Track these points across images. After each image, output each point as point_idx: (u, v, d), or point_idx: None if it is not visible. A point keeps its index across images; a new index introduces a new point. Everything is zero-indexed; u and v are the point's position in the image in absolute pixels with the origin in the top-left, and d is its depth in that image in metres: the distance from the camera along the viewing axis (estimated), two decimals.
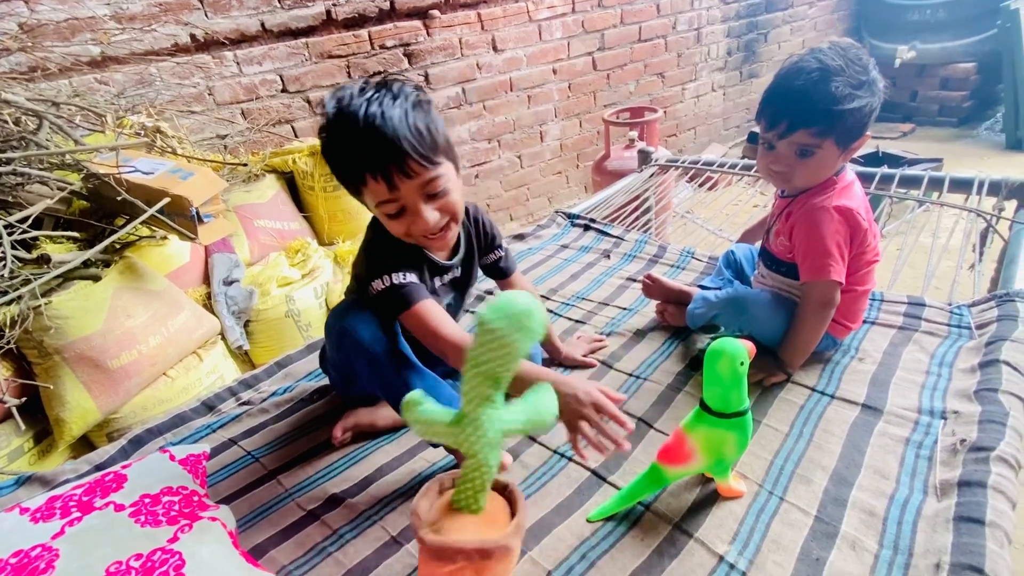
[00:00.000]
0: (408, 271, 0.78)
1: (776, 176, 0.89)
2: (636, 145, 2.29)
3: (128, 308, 1.40)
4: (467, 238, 0.90)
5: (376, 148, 0.66)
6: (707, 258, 1.37)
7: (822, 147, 0.82)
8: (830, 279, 0.84)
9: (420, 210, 0.71)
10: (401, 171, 0.68)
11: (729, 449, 0.69)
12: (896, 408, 0.84)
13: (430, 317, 0.76)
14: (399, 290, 0.76)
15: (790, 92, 0.81)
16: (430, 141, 0.69)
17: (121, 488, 0.73)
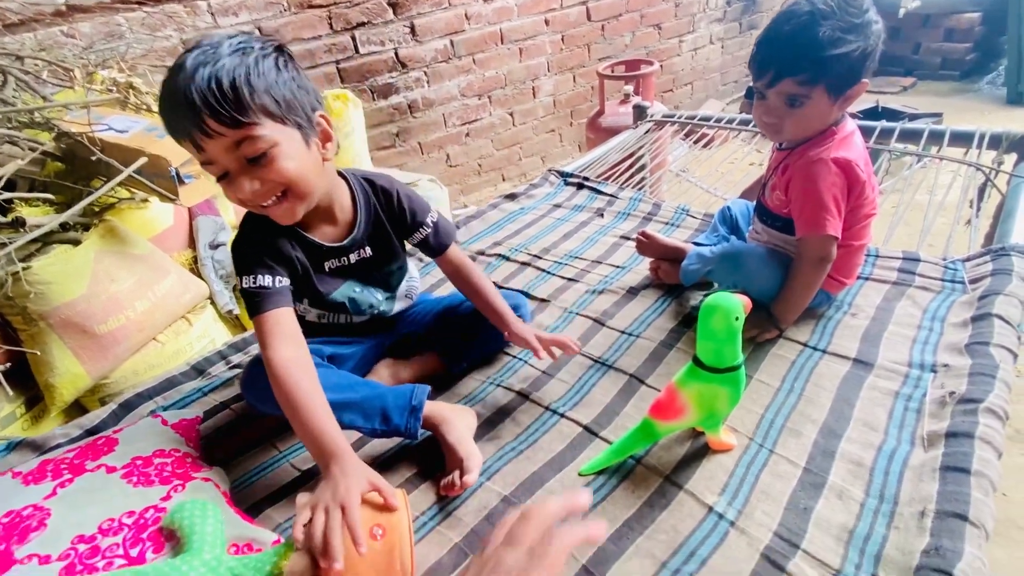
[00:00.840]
0: (265, 272, 0.72)
1: (768, 127, 0.86)
2: (631, 100, 2.23)
3: (111, 273, 1.37)
4: (371, 215, 0.82)
5: (175, 104, 0.60)
6: (702, 215, 1.35)
7: (811, 96, 0.80)
8: (826, 234, 0.83)
9: (236, 178, 0.64)
10: (201, 130, 0.60)
11: (721, 404, 0.70)
12: (887, 362, 0.84)
13: (269, 329, 0.69)
14: (247, 296, 0.72)
15: (778, 39, 0.78)
16: (243, 95, 0.60)
17: (112, 451, 0.73)
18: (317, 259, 0.80)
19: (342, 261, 0.83)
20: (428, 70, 2.47)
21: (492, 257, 1.32)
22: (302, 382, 0.66)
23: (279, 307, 0.72)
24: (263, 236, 0.75)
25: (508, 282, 1.22)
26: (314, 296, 0.84)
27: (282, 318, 0.71)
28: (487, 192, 2.93)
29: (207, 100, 0.59)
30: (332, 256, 0.81)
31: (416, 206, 0.86)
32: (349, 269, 0.84)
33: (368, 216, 0.83)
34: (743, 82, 3.69)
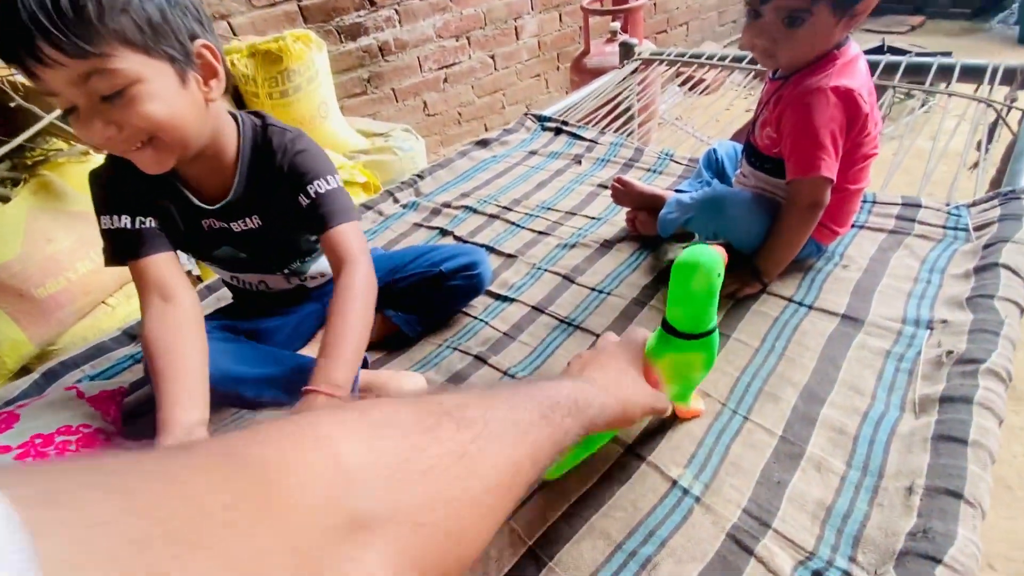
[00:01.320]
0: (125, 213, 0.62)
1: (761, 52, 0.74)
2: (619, 38, 2.05)
3: (48, 232, 1.27)
4: (250, 176, 0.68)
5: (5, 18, 0.46)
6: (687, 160, 1.24)
7: (813, 12, 0.68)
8: (820, 175, 0.73)
9: (82, 116, 0.52)
10: (31, 54, 0.47)
11: (696, 372, 0.61)
12: (878, 318, 0.76)
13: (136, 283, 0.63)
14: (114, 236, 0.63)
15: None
16: (89, 15, 0.47)
17: (10, 428, 0.65)
18: (191, 215, 0.68)
19: (225, 225, 0.70)
20: (399, 8, 2.27)
21: (458, 210, 1.22)
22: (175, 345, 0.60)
23: (152, 254, 0.63)
24: (132, 175, 0.62)
25: (474, 236, 1.12)
26: (192, 251, 0.74)
27: (160, 267, 0.63)
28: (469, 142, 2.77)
29: (37, 19, 0.45)
30: (208, 217, 0.69)
31: (306, 165, 0.68)
32: (231, 237, 0.71)
33: (248, 173, 0.68)
34: (742, 22, 3.46)
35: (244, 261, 0.76)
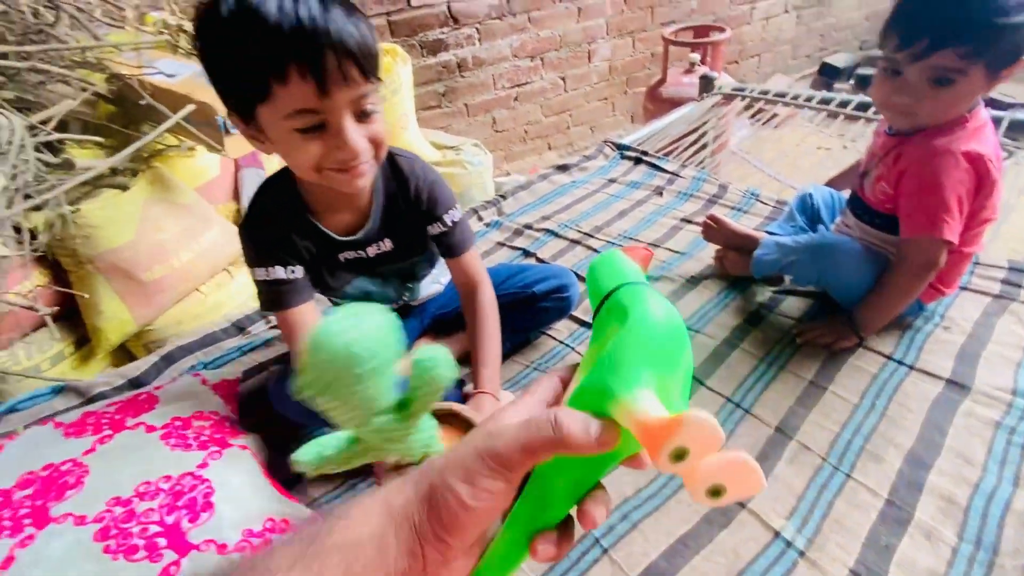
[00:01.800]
0: (277, 264, 0.67)
1: (896, 109, 0.73)
2: (697, 70, 2.07)
3: (158, 221, 1.37)
4: (386, 204, 0.72)
5: (314, 39, 0.51)
6: (774, 202, 1.24)
7: (967, 73, 0.67)
8: (942, 237, 0.72)
9: (346, 129, 0.56)
10: (341, 75, 0.53)
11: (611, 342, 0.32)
12: (986, 387, 0.75)
13: (293, 327, 0.68)
14: (263, 287, 0.68)
15: (938, 1, 0.65)
16: (376, 50, 0.57)
17: (153, 409, 0.71)
18: (329, 252, 0.73)
19: (360, 254, 0.75)
20: (480, 27, 2.35)
21: (540, 232, 1.25)
22: None
23: (299, 304, 0.69)
24: (272, 223, 0.68)
25: (556, 260, 1.15)
26: (325, 289, 0.78)
27: (305, 316, 0.69)
28: (530, 160, 2.83)
29: (362, 49, 0.54)
30: (347, 249, 0.74)
31: (439, 195, 0.74)
32: (365, 264, 0.76)
33: (384, 203, 0.72)
34: (816, 57, 3.40)
35: (372, 294, 0.81)
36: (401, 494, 0.26)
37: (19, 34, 1.29)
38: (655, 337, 0.27)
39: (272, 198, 0.70)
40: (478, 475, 0.25)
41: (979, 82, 0.68)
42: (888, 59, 0.72)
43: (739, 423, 0.74)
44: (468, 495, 0.25)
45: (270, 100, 0.54)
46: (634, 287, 0.31)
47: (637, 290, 0.31)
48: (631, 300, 0.30)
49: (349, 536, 0.25)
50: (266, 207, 0.70)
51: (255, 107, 0.56)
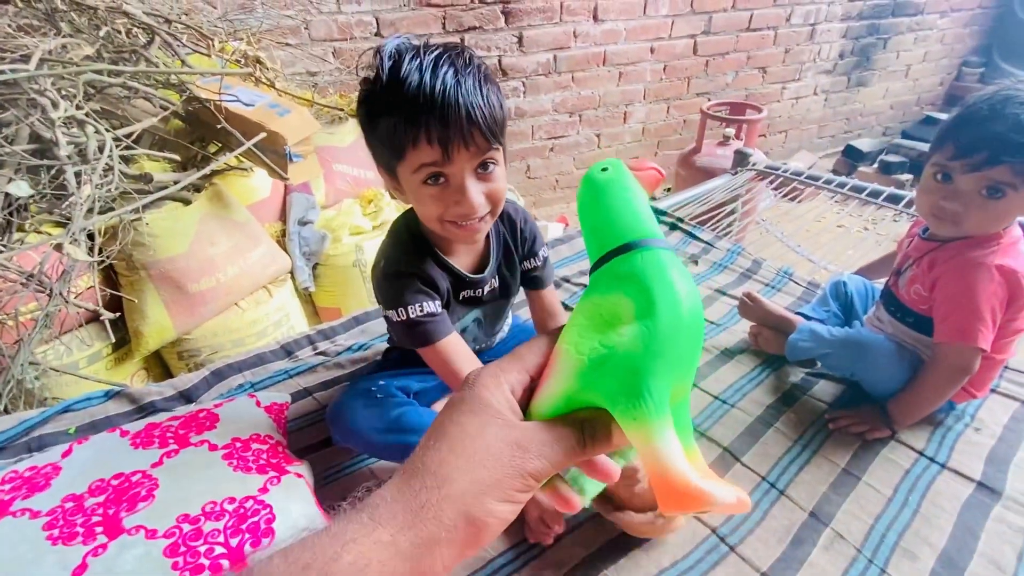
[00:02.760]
0: (426, 298, 0.71)
1: (945, 215, 0.78)
2: (730, 143, 2.16)
3: (213, 235, 1.43)
4: (502, 244, 0.81)
5: (443, 108, 0.59)
6: (806, 283, 1.28)
7: (1017, 190, 0.72)
8: (976, 346, 0.76)
9: (467, 187, 0.63)
10: (462, 139, 0.60)
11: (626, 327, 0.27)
12: (1017, 494, 0.77)
13: (450, 356, 0.71)
14: (416, 326, 0.70)
15: (999, 119, 0.70)
16: (500, 117, 0.63)
17: (214, 428, 0.74)
18: (456, 288, 0.78)
19: (476, 292, 0.80)
20: (527, 81, 2.48)
21: (578, 287, 1.30)
22: None
23: (451, 333, 0.72)
24: (417, 260, 0.73)
25: None
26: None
27: (457, 344, 0.72)
28: (559, 208, 2.91)
29: (484, 115, 0.60)
30: (468, 287, 0.79)
31: (537, 235, 0.84)
32: (478, 301, 0.81)
33: (499, 244, 0.81)
34: (840, 138, 3.53)
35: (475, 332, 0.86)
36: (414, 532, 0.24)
37: (113, 51, 1.38)
38: (682, 343, 0.25)
39: (406, 239, 0.75)
40: (519, 492, 0.25)
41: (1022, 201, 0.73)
42: (941, 165, 0.77)
43: (774, 503, 0.76)
44: (511, 513, 0.25)
45: (405, 157, 0.63)
46: (656, 254, 0.27)
47: (660, 263, 0.26)
48: (655, 279, 0.26)
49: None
50: (404, 247, 0.74)
51: (394, 164, 0.65)
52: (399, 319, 0.71)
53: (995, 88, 0.74)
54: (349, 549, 0.23)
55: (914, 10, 3.26)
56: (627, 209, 0.29)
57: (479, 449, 0.25)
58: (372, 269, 0.78)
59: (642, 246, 0.27)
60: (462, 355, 0.72)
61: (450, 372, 0.71)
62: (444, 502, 0.24)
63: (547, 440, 0.25)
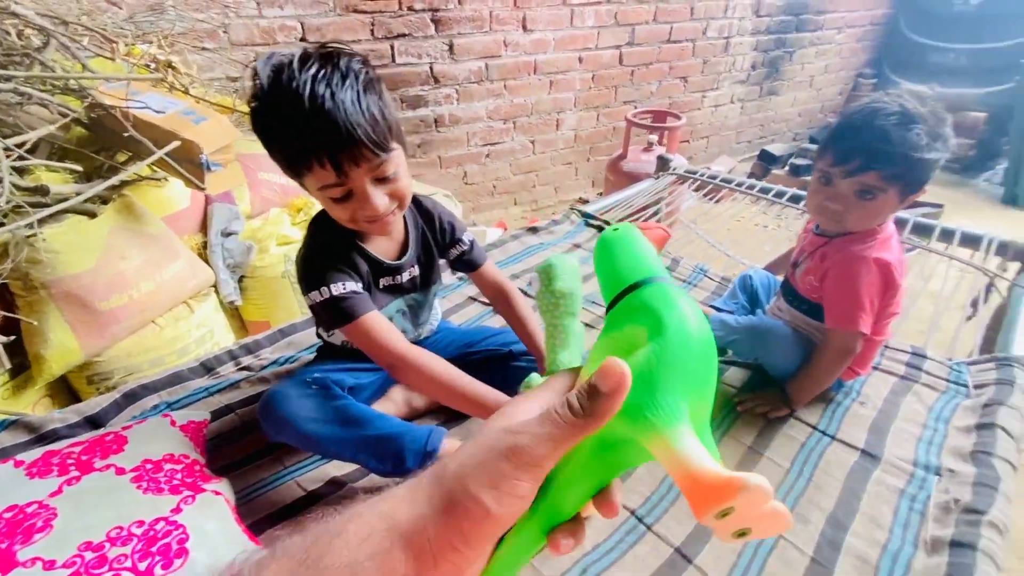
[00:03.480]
0: (347, 278, 0.74)
1: (828, 214, 0.87)
2: (654, 149, 2.28)
3: (123, 250, 1.35)
4: (420, 235, 0.85)
5: (326, 134, 0.61)
6: (719, 278, 1.38)
7: (886, 192, 0.81)
8: (858, 330, 0.85)
9: (368, 194, 0.67)
10: (352, 159, 0.63)
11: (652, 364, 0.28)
12: (893, 458, 0.86)
13: (374, 331, 0.72)
14: (339, 303, 0.72)
15: (868, 130, 0.79)
16: (384, 127, 0.65)
17: (122, 451, 0.71)
18: (376, 275, 0.82)
19: (395, 280, 0.84)
20: (459, 88, 2.50)
21: None
22: (431, 360, 0.70)
23: (373, 310, 0.74)
24: (337, 248, 0.76)
25: None
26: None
27: (381, 320, 0.74)
28: (498, 213, 2.95)
29: (367, 132, 0.62)
30: (388, 274, 0.83)
31: (455, 223, 0.90)
32: (399, 289, 0.85)
33: (417, 234, 0.85)
34: (756, 143, 3.80)
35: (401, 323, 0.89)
36: (409, 507, 0.24)
37: (2, 55, 1.28)
38: (693, 357, 0.26)
39: (326, 229, 0.78)
40: (504, 478, 0.23)
41: (893, 201, 0.83)
42: (823, 171, 0.86)
43: None
44: (494, 501, 0.23)
45: (305, 177, 0.67)
46: (662, 287, 0.29)
47: (667, 292, 0.29)
48: (662, 304, 0.28)
49: (345, 556, 0.23)
50: (325, 234, 0.77)
51: (300, 177, 0.68)
52: (322, 299, 0.73)
53: (867, 100, 0.83)
54: (355, 520, 0.24)
55: (814, 26, 3.57)
56: (635, 257, 0.32)
57: (475, 441, 0.26)
58: (295, 260, 0.79)
59: (650, 282, 0.30)
60: (387, 330, 0.73)
61: (377, 347, 0.72)
62: (435, 484, 0.25)
63: (538, 420, 0.25)
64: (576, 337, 0.88)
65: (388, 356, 0.71)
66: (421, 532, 0.23)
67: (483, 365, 0.96)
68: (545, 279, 0.71)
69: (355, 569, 0.23)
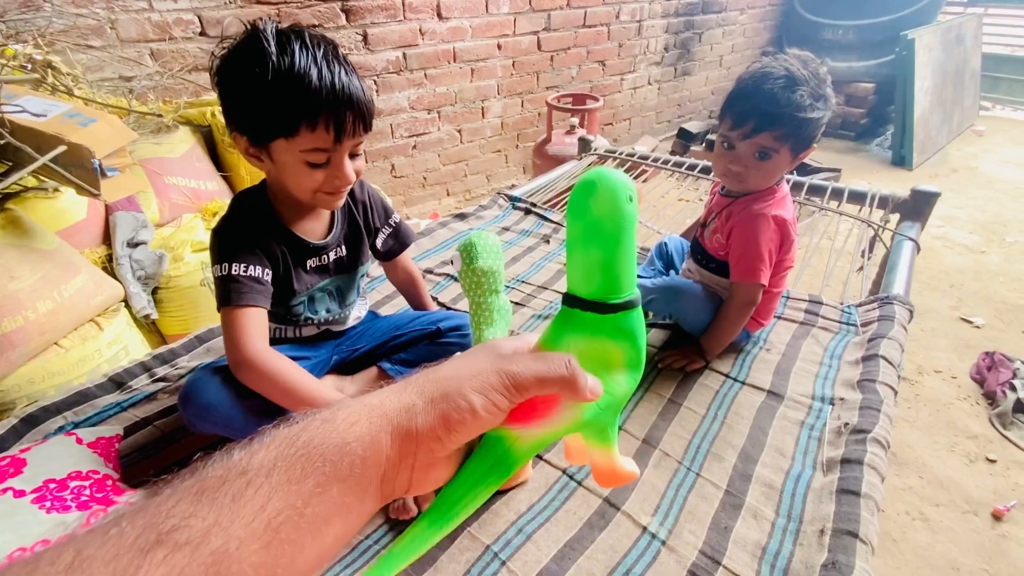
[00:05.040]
0: (256, 263, 0.73)
1: (732, 176, 0.93)
2: (576, 132, 2.34)
3: (11, 269, 1.24)
4: (346, 215, 0.87)
5: (340, 100, 0.66)
6: (639, 248, 1.45)
7: (779, 152, 0.88)
8: (758, 282, 0.93)
9: (344, 165, 0.71)
10: (350, 129, 0.68)
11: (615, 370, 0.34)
12: (795, 395, 0.95)
13: (245, 326, 0.70)
14: (231, 282, 0.71)
15: (758, 94, 0.85)
16: (374, 108, 0.73)
17: (20, 473, 0.66)
18: (300, 256, 0.81)
19: (322, 260, 0.83)
20: (378, 80, 2.45)
21: (440, 277, 1.33)
22: (283, 363, 0.70)
23: (261, 305, 0.72)
24: (254, 227, 0.75)
25: (456, 303, 1.23)
26: (281, 297, 0.82)
27: (262, 318, 0.72)
28: (431, 205, 2.93)
29: (369, 111, 0.69)
30: (313, 254, 0.82)
31: (384, 204, 0.92)
32: (325, 269, 0.85)
33: (343, 215, 0.85)
34: (675, 122, 3.97)
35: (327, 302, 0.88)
36: (398, 398, 0.28)
37: None
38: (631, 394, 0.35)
39: (248, 207, 0.76)
40: (492, 390, 0.28)
41: (787, 158, 0.90)
42: (724, 135, 0.92)
43: None
44: (480, 405, 0.27)
45: (294, 137, 0.67)
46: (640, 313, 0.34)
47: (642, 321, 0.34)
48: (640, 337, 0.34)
49: (334, 437, 0.25)
50: (244, 213, 0.76)
51: (274, 138, 0.68)
52: (221, 274, 0.71)
53: (758, 65, 0.90)
54: (344, 410, 0.27)
55: (719, 8, 3.76)
56: (631, 256, 0.34)
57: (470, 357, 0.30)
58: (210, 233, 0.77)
59: (637, 304, 0.34)
60: (257, 330, 0.71)
61: (234, 342, 0.70)
62: (427, 382, 0.29)
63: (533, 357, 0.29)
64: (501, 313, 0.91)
65: (238, 354, 0.70)
66: (409, 419, 0.27)
67: (412, 344, 0.97)
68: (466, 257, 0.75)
69: (343, 449, 0.25)
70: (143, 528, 0.21)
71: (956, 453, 1.46)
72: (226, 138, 1.88)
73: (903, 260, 1.29)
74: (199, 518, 0.22)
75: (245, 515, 0.22)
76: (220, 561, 0.21)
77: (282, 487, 0.23)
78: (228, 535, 0.22)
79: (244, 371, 0.70)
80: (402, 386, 0.29)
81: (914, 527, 1.27)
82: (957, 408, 1.60)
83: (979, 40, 4.00)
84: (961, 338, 1.90)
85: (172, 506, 0.22)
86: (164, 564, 0.20)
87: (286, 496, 0.23)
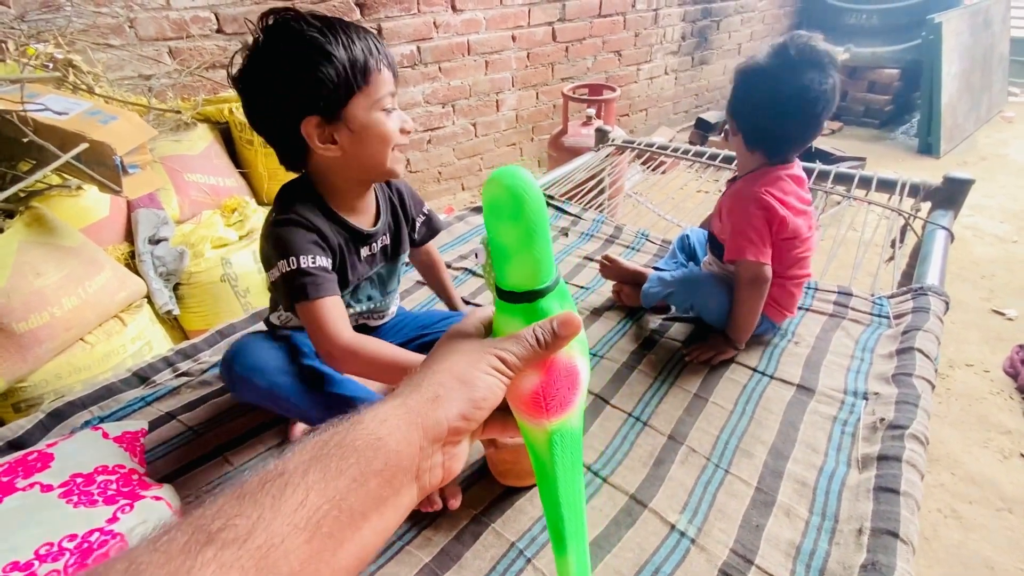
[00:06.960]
0: (321, 252, 0.72)
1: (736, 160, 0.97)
2: (593, 123, 2.30)
3: (37, 266, 1.25)
4: (388, 205, 0.88)
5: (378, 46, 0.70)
6: (660, 241, 1.42)
7: (735, 134, 0.95)
8: (745, 258, 0.90)
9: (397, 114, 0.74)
10: (397, 70, 0.73)
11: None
12: (826, 389, 0.92)
13: (330, 316, 0.70)
14: (303, 276, 0.69)
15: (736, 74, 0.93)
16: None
17: (48, 467, 0.66)
18: (356, 245, 0.81)
19: (372, 248, 0.83)
20: None
21: (458, 271, 1.32)
22: (371, 343, 0.70)
23: (336, 294, 0.72)
24: (309, 214, 0.74)
25: (475, 297, 1.22)
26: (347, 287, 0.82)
27: (341, 305, 0.72)
28: (446, 200, 2.92)
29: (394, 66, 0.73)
30: (365, 242, 0.82)
31: (416, 196, 0.93)
32: (373, 258, 0.85)
33: (387, 204, 0.86)
34: (692, 112, 3.90)
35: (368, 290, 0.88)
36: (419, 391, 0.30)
37: None
38: None
39: (299, 198, 0.75)
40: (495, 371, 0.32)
41: (742, 148, 0.94)
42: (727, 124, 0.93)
43: (639, 434, 0.85)
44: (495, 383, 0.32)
45: (364, 90, 0.68)
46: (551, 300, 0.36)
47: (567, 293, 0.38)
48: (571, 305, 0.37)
49: (366, 435, 0.27)
50: (297, 206, 0.74)
51: (347, 102, 0.68)
52: (288, 269, 0.70)
53: (760, 53, 0.88)
54: (370, 411, 0.29)
55: None
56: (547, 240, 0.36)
57: (457, 348, 0.33)
58: (262, 230, 0.76)
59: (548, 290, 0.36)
60: (341, 318, 0.71)
61: (325, 333, 0.70)
62: (437, 372, 0.32)
63: (511, 341, 0.33)
64: None
65: (331, 345, 0.69)
66: (436, 409, 0.30)
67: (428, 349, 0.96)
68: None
69: (376, 444, 0.27)
70: (192, 532, 0.22)
71: (989, 449, 1.41)
72: (244, 134, 1.89)
73: (936, 250, 1.24)
74: (244, 517, 0.23)
75: (286, 511, 0.23)
76: (267, 555, 0.22)
77: (319, 483, 0.25)
78: (271, 531, 0.23)
79: (341, 360, 0.70)
80: (416, 381, 0.31)
81: (946, 525, 1.23)
82: (990, 403, 1.55)
83: (1007, 24, 3.85)
84: (993, 330, 1.83)
85: (216, 510, 0.23)
86: (214, 562, 0.21)
87: (324, 491, 0.25)
